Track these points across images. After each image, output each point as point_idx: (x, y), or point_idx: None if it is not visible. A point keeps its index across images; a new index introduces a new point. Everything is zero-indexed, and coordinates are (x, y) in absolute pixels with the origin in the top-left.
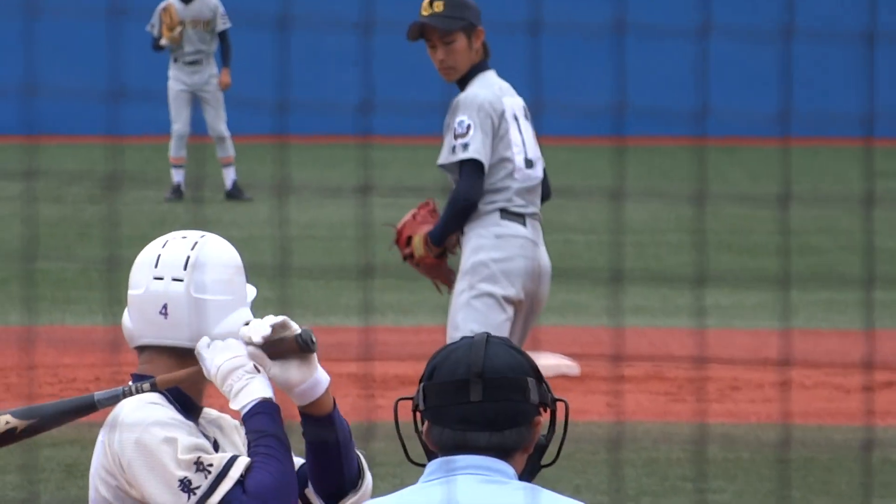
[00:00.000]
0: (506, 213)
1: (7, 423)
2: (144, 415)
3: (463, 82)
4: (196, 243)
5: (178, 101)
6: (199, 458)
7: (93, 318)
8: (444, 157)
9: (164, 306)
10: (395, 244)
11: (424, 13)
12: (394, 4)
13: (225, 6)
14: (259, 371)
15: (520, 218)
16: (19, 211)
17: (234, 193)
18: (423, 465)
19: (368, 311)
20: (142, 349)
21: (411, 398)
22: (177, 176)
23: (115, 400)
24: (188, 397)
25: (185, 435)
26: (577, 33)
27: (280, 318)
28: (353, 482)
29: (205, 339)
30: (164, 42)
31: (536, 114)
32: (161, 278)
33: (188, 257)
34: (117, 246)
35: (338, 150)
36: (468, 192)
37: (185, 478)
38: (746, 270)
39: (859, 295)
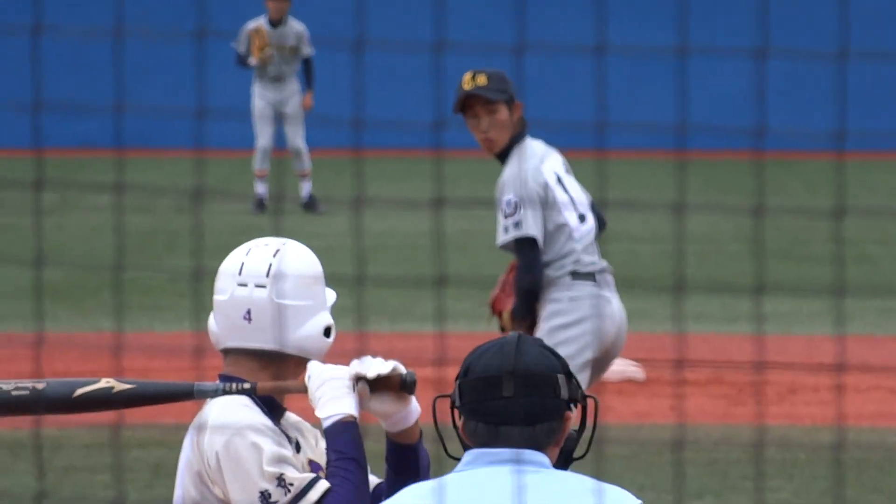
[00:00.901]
0: (576, 275)
1: (108, 381)
2: (235, 418)
3: (503, 156)
4: (278, 251)
5: (262, 117)
6: (282, 474)
7: (180, 324)
8: (500, 239)
9: (248, 311)
10: (494, 316)
11: (466, 87)
12: (464, 27)
13: (306, 28)
14: (353, 391)
15: (590, 277)
16: (110, 222)
17: (310, 205)
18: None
19: (442, 317)
20: (227, 352)
21: (449, 395)
22: (260, 188)
23: (212, 394)
24: (273, 399)
25: (271, 444)
26: (642, 54)
27: (393, 363)
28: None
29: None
30: (252, 61)
31: (604, 130)
32: (245, 285)
33: (270, 265)
34: (202, 256)
35: (412, 164)
36: (529, 271)
37: (267, 490)
38: (803, 279)
39: None
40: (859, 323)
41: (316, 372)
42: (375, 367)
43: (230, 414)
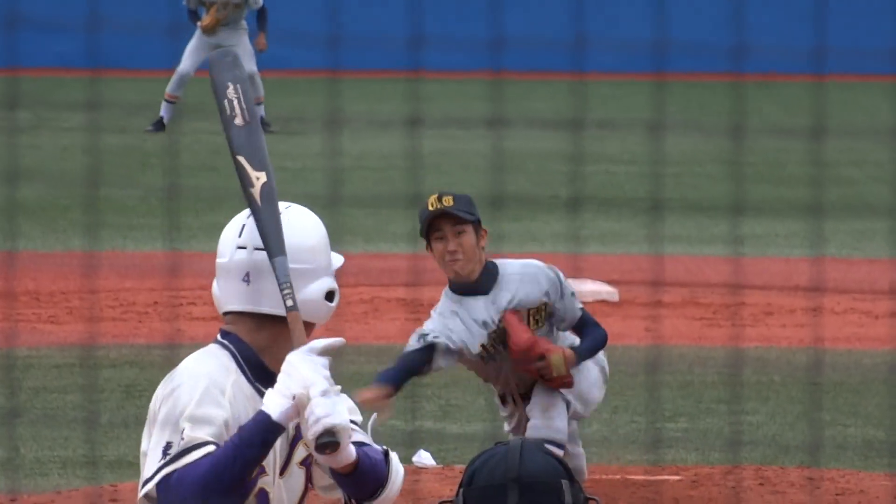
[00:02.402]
0: None
1: (258, 178)
2: (202, 369)
3: (488, 276)
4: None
5: (195, 47)
6: (184, 429)
7: (153, 243)
8: (577, 311)
9: (247, 274)
10: (523, 354)
11: (431, 207)
12: None
13: None
14: (292, 401)
15: None
16: (83, 141)
17: (262, 127)
18: None
19: (416, 238)
20: (227, 313)
21: (451, 501)
22: (165, 111)
23: (282, 277)
24: (266, 368)
25: (205, 404)
26: None
27: (322, 427)
28: (381, 483)
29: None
30: (201, 24)
31: (580, 50)
32: (244, 248)
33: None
34: (176, 175)
35: (388, 84)
36: (597, 324)
37: (170, 442)
38: (780, 200)
39: (889, 224)
40: (836, 244)
41: (291, 357)
42: (312, 425)
43: (198, 365)
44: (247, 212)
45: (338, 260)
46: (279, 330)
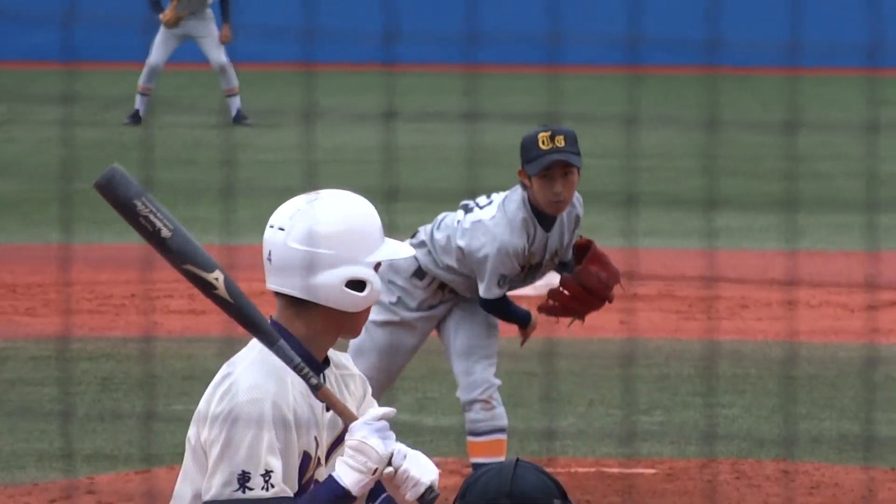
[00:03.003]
0: None
1: (217, 277)
2: (262, 385)
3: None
4: (316, 199)
5: (164, 39)
6: (272, 471)
7: (128, 237)
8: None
9: (270, 253)
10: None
11: (544, 147)
12: None
13: None
14: (373, 477)
15: None
16: (59, 134)
17: (238, 120)
18: None
19: (392, 230)
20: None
21: None
22: (140, 103)
23: (285, 360)
24: (313, 358)
25: (274, 432)
26: None
27: (428, 482)
28: None
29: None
30: (162, 18)
31: (556, 44)
32: (272, 226)
33: (298, 209)
34: (152, 168)
35: (363, 78)
36: None
37: (249, 474)
38: (755, 194)
39: (863, 218)
40: (811, 238)
41: (359, 434)
42: (412, 488)
43: (258, 377)
44: (304, 198)
45: (389, 252)
46: (314, 316)
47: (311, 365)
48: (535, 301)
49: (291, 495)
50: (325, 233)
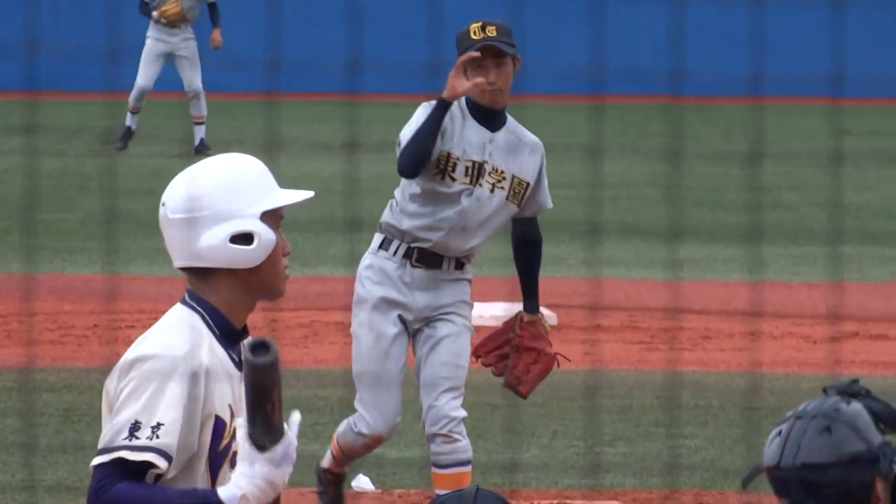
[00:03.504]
0: None
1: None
2: (175, 342)
3: (501, 119)
4: (192, 168)
5: (150, 58)
6: (160, 423)
7: (91, 267)
8: (550, 204)
9: (162, 232)
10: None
11: (475, 37)
12: None
13: None
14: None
15: None
16: (21, 164)
17: (201, 149)
18: None
19: (354, 261)
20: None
21: None
22: (130, 120)
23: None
24: (230, 324)
25: (180, 387)
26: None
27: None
28: None
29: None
30: (156, 16)
31: (518, 73)
32: (163, 204)
33: (173, 181)
34: (115, 198)
35: (326, 107)
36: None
37: (139, 423)
38: (719, 225)
39: (827, 248)
40: (775, 269)
41: (245, 455)
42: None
43: (171, 337)
44: (183, 171)
45: (275, 199)
46: (219, 281)
47: (229, 335)
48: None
49: (173, 454)
50: (198, 194)
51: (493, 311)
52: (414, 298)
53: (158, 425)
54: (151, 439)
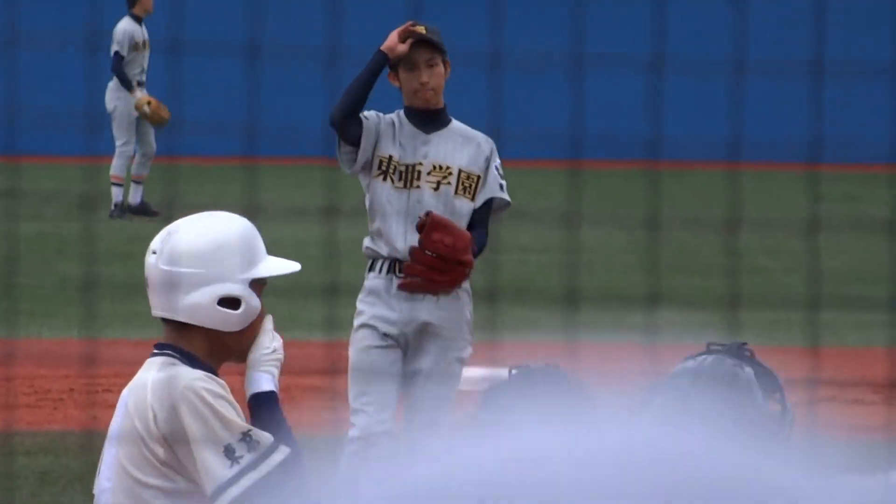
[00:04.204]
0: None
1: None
2: (189, 374)
3: (442, 119)
4: (188, 220)
5: (130, 121)
6: (250, 430)
7: (69, 331)
8: (500, 194)
9: (147, 279)
10: (459, 249)
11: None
12: (358, 35)
13: (197, 35)
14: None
15: None
16: (0, 227)
17: (143, 210)
18: None
19: (332, 326)
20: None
21: None
22: (119, 194)
23: None
24: (211, 367)
25: (231, 399)
26: (536, 63)
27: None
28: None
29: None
30: (137, 106)
31: (497, 139)
32: (149, 252)
33: (169, 233)
34: (93, 262)
35: (303, 172)
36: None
37: (231, 445)
38: (695, 290)
39: (803, 314)
40: (751, 334)
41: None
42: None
43: (182, 371)
44: (179, 221)
45: (267, 269)
46: (198, 336)
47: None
48: None
49: (275, 440)
50: (193, 252)
51: (471, 374)
52: (401, 310)
53: (245, 434)
54: (251, 450)
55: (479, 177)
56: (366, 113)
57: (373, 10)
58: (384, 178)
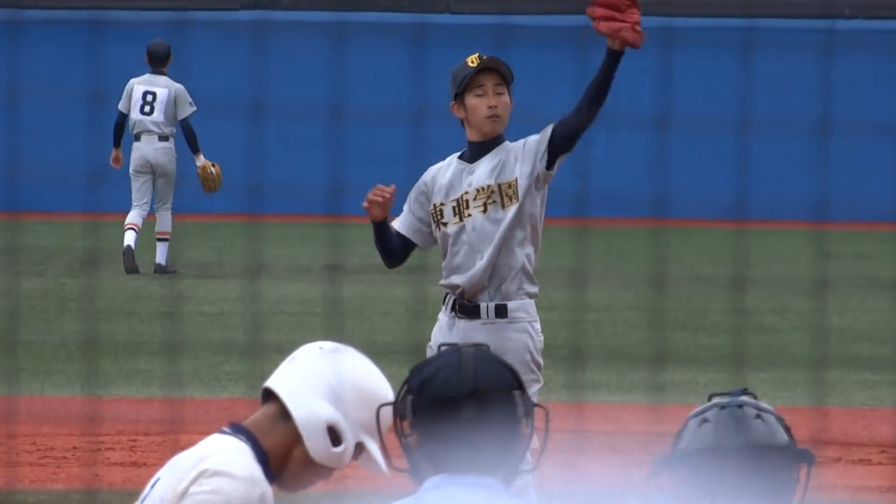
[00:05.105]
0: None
1: None
2: (244, 470)
3: (492, 145)
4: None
5: (143, 183)
6: None
7: (70, 389)
8: (534, 139)
9: (295, 359)
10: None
11: (473, 64)
12: (362, 93)
13: (201, 94)
14: None
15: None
16: (1, 285)
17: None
18: (403, 471)
19: None
20: (267, 392)
21: (391, 403)
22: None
23: None
24: (269, 465)
25: None
26: (540, 122)
27: None
28: None
29: None
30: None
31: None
32: (321, 349)
33: (340, 348)
34: (94, 319)
35: (307, 229)
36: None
37: None
38: (701, 348)
39: (810, 373)
40: (757, 393)
41: None
42: None
43: (247, 465)
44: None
45: (374, 450)
46: (287, 440)
47: (266, 473)
48: None
49: None
50: (354, 384)
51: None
52: (460, 336)
53: None
54: None
55: (516, 179)
56: (407, 219)
57: (376, 65)
58: (439, 226)
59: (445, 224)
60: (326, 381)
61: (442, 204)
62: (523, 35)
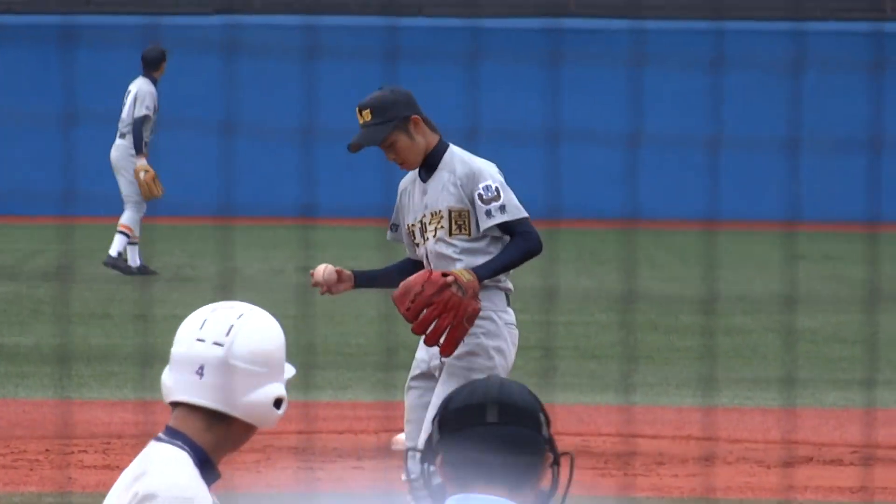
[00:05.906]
0: (509, 296)
1: None
2: (186, 489)
3: (433, 162)
4: (242, 314)
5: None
6: None
7: (44, 392)
8: (486, 223)
9: (201, 367)
10: (427, 283)
11: (360, 122)
12: (331, 108)
13: (174, 106)
14: None
15: (510, 299)
16: None
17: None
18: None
19: (309, 386)
20: (175, 405)
21: (419, 450)
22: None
23: None
24: (212, 462)
25: None
26: (512, 140)
27: None
28: None
29: None
30: (142, 188)
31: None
32: (203, 340)
33: (232, 325)
34: (68, 322)
35: (279, 232)
36: (534, 237)
37: None
38: (672, 349)
39: (781, 373)
40: (728, 394)
41: None
42: None
43: (179, 480)
44: (211, 306)
45: (290, 371)
46: (227, 430)
47: (212, 476)
48: None
49: None
50: (263, 351)
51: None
52: (429, 350)
53: None
54: None
55: (467, 211)
56: (393, 222)
57: (349, 73)
58: (413, 249)
59: (418, 245)
60: (245, 370)
61: (413, 225)
62: (493, 37)
